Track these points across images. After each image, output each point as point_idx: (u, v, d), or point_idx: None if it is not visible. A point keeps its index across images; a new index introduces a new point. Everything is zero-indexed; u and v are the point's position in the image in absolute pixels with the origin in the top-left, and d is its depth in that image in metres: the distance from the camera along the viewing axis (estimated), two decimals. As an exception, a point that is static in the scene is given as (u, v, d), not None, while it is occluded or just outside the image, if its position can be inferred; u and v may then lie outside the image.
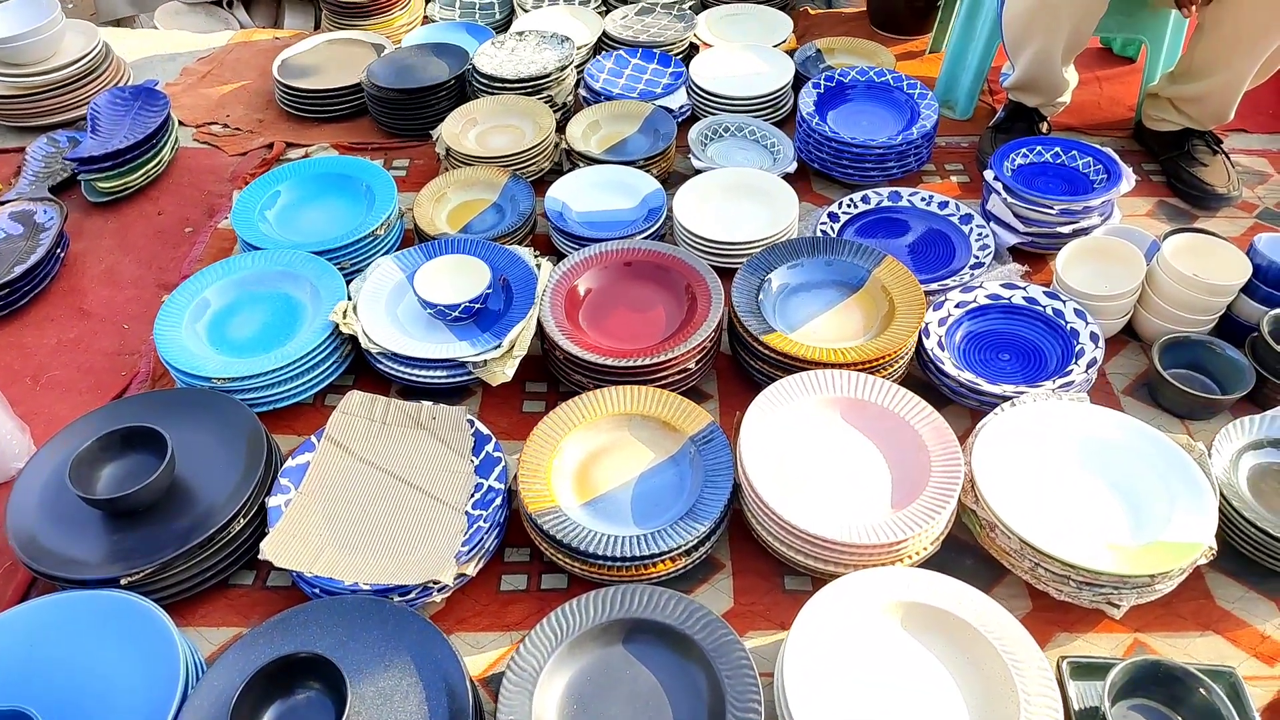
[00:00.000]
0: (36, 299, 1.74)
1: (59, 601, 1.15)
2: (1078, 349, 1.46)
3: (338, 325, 1.48)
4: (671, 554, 1.20)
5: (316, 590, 1.21)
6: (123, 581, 1.17)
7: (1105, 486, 1.26)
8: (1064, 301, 1.51)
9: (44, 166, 2.01)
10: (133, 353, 1.64)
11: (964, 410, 1.46)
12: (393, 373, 1.48)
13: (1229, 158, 1.91)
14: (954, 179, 1.99)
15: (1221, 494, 1.23)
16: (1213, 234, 1.61)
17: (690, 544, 1.21)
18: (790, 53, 2.25)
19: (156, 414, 1.34)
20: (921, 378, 1.50)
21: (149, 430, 1.27)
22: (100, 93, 2.09)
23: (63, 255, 1.80)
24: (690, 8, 2.46)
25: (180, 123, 2.20)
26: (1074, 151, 1.78)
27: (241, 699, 1.01)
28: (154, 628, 1.11)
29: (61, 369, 1.62)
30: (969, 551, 1.29)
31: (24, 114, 2.14)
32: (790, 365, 1.41)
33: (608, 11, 2.46)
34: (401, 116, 2.10)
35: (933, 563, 1.23)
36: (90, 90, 2.18)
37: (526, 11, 2.46)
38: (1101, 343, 1.44)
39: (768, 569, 1.28)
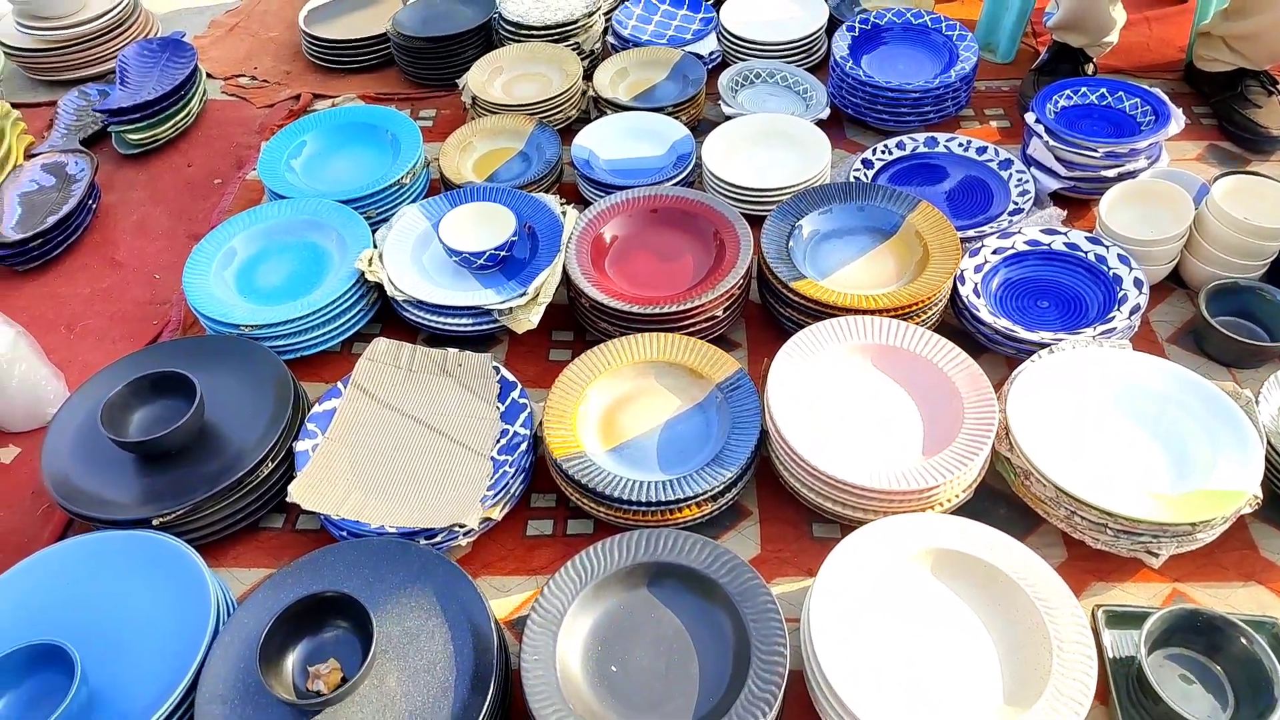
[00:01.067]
0: (70, 249, 1.75)
1: (94, 540, 1.17)
2: (1120, 295, 1.41)
3: (363, 273, 1.47)
4: (697, 499, 1.19)
5: (344, 533, 1.22)
6: (155, 522, 1.19)
7: (1146, 434, 1.22)
8: (1107, 247, 1.46)
9: (75, 119, 2.02)
10: (164, 302, 1.65)
11: (999, 359, 1.42)
12: (419, 320, 1.48)
13: (1285, 99, 1.82)
14: (994, 124, 1.93)
15: (1268, 442, 1.19)
16: (1266, 176, 1.54)
17: (717, 489, 1.19)
18: (824, -4, 2.18)
19: (186, 360, 1.34)
20: (956, 325, 1.47)
21: (178, 375, 1.28)
22: (128, 45, 2.09)
23: (94, 206, 1.81)
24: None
25: (208, 75, 2.19)
26: (1120, 93, 1.71)
27: (270, 635, 1.02)
28: (186, 567, 1.13)
29: (95, 318, 1.63)
30: (1002, 500, 1.26)
31: (54, 67, 2.15)
32: (821, 312, 1.38)
33: (637, -43, 2.39)
34: (428, 66, 2.08)
35: (964, 511, 1.20)
36: (119, 43, 2.18)
37: (554, -42, 2.40)
38: (1146, 289, 1.39)
39: (796, 516, 1.26)
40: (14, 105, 2.07)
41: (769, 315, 1.51)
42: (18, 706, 1.02)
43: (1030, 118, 1.67)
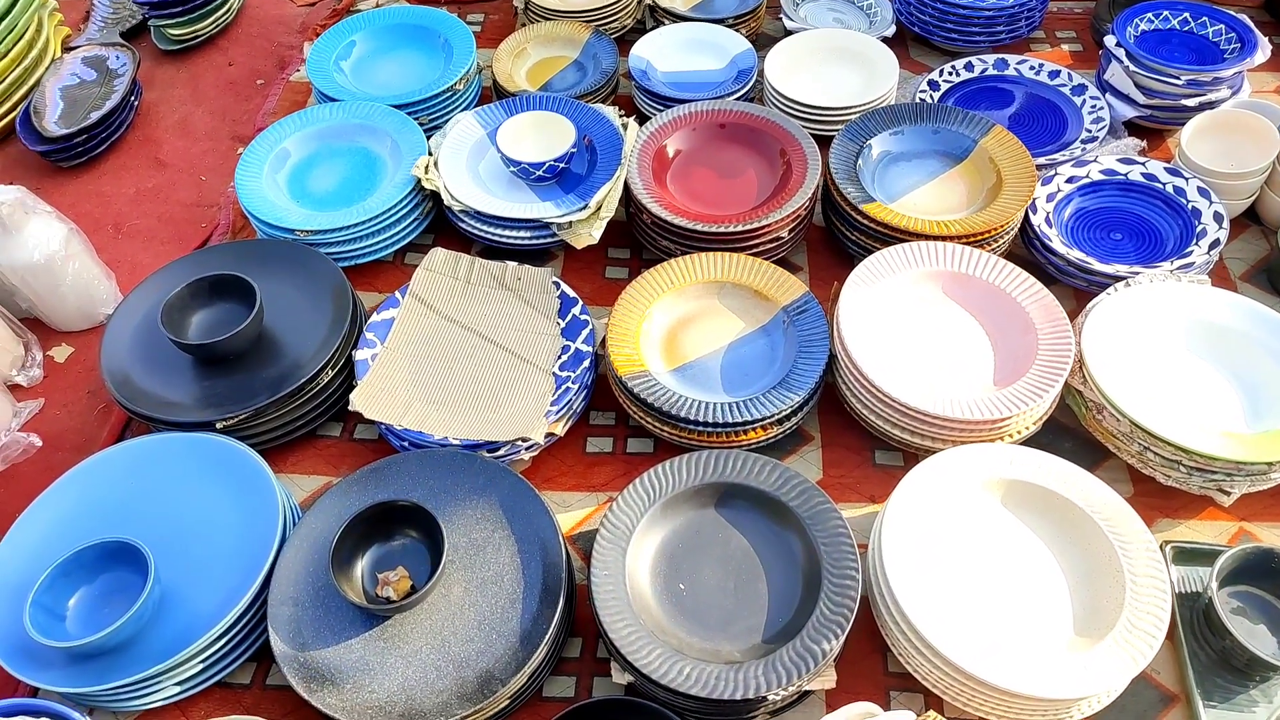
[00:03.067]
0: (113, 147, 1.72)
1: (160, 441, 1.17)
2: (1199, 229, 1.37)
3: (419, 180, 1.44)
4: (763, 422, 1.18)
5: (405, 443, 1.21)
6: (218, 425, 1.18)
7: (1222, 372, 1.20)
8: (1186, 179, 1.41)
9: (112, 12, 1.96)
10: (211, 205, 1.62)
11: (1069, 291, 1.39)
12: (475, 231, 1.45)
13: (1374, 30, 1.75)
14: (1065, 47, 1.85)
15: (1349, 384, 1.17)
16: (1355, 111, 1.48)
17: (784, 413, 1.18)
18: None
19: (242, 263, 1.32)
20: (1025, 256, 1.43)
21: (238, 279, 1.26)
22: (166, -65, 2.01)
23: (136, 104, 1.77)
24: None
25: (247, -29, 2.12)
26: (1204, 18, 1.63)
27: (341, 541, 1.02)
28: (253, 471, 1.13)
29: (142, 218, 1.61)
30: (1068, 434, 1.25)
31: (89, -43, 2.07)
32: (889, 237, 1.35)
33: None
34: (476, -33, 2.00)
35: (1030, 444, 1.19)
36: (154, -67, 2.09)
37: None
38: (1226, 223, 1.35)
39: (858, 443, 1.25)
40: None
41: (832, 239, 1.47)
42: (91, 602, 1.04)
43: (1110, 41, 1.60)
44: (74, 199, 1.63)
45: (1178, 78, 1.53)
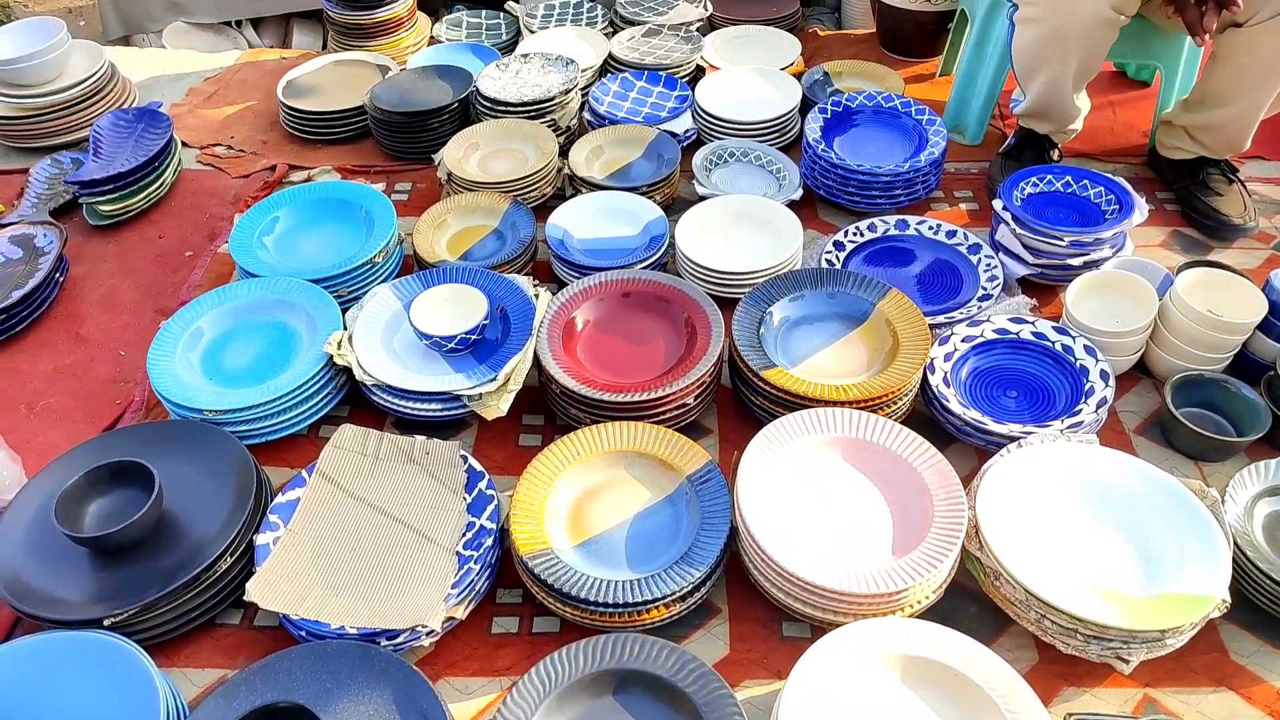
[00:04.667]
0: (35, 324, 1.72)
1: (40, 642, 1.13)
2: (1087, 387, 1.42)
3: (332, 357, 1.46)
4: (666, 600, 1.17)
5: (303, 632, 1.19)
6: (106, 622, 1.15)
7: (1115, 534, 1.22)
8: (1073, 337, 1.47)
9: (47, 188, 2.01)
10: (128, 380, 1.63)
11: (970, 450, 1.43)
12: (387, 405, 1.46)
13: (1245, 186, 1.87)
14: (963, 206, 1.96)
15: (1236, 543, 1.19)
16: (1228, 267, 1.57)
17: (685, 590, 1.17)
18: (798, 75, 2.22)
19: (147, 447, 1.32)
20: (927, 414, 1.47)
21: (137, 465, 1.25)
22: (105, 113, 2.09)
23: (62, 279, 1.79)
24: (698, 29, 2.44)
25: (184, 144, 2.19)
26: (1085, 181, 1.74)
27: (220, 751, 0.98)
28: (135, 671, 1.09)
29: (57, 396, 1.60)
30: (974, 599, 1.25)
31: (28, 134, 2.14)
32: (791, 402, 1.38)
33: (615, 33, 2.44)
34: (404, 140, 2.09)
35: (937, 609, 1.19)
36: (95, 111, 2.17)
37: (533, 33, 2.44)
38: (1112, 381, 1.41)
39: (765, 614, 1.25)
40: (-16, 173, 2.06)
41: (741, 400, 1.50)
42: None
43: (997, 205, 1.70)
44: (-11, 377, 1.63)
45: (1061, 239, 1.61)
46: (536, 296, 1.55)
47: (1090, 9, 1.60)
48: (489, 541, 1.25)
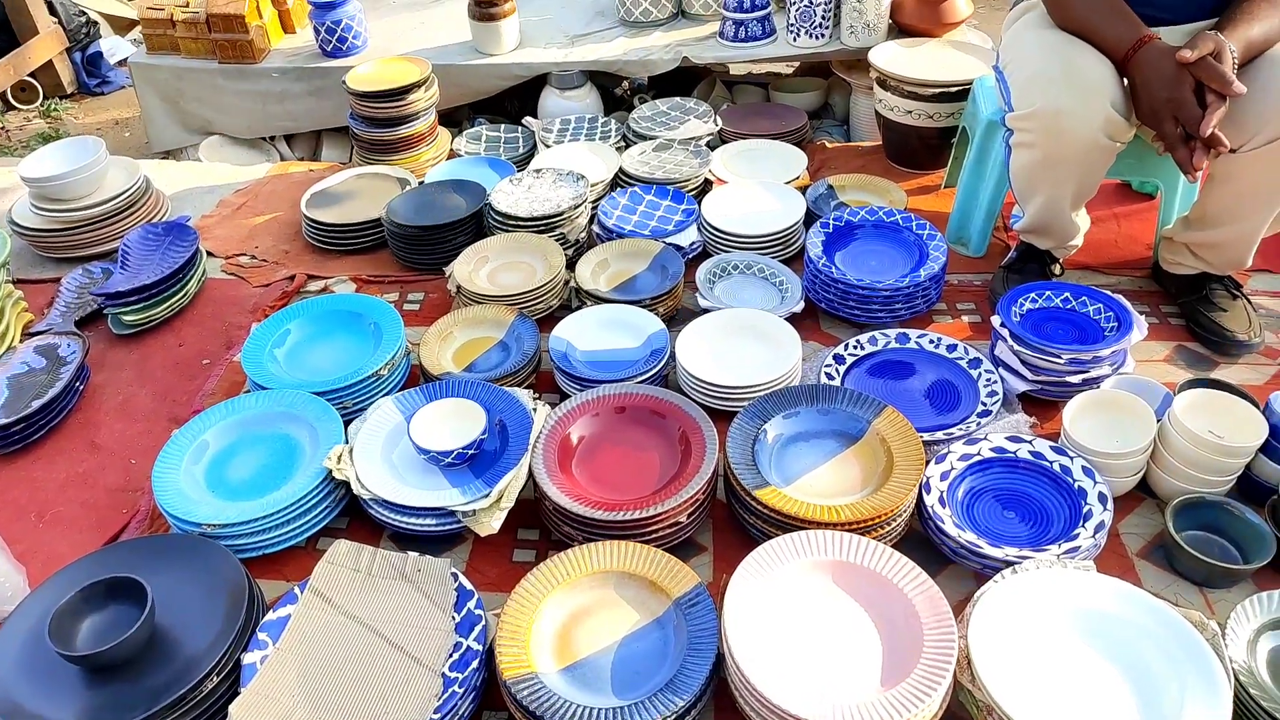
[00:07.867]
0: (52, 432, 1.78)
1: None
2: (1086, 509, 1.40)
3: (331, 471, 1.49)
4: (648, 730, 1.15)
5: (284, 756, 1.18)
6: (88, 745, 1.15)
7: (1113, 667, 1.18)
8: (1071, 458, 1.46)
9: (76, 298, 2.09)
10: (136, 489, 1.66)
11: (966, 571, 1.40)
12: (383, 519, 1.48)
13: (1250, 301, 1.86)
14: (965, 319, 1.97)
15: (1237, 680, 1.15)
16: (1230, 386, 1.56)
17: (668, 718, 1.15)
18: (803, 189, 2.28)
19: (147, 562, 1.35)
20: (923, 534, 1.45)
21: (131, 582, 1.27)
22: (136, 227, 2.18)
23: (81, 388, 1.85)
24: (707, 144, 2.52)
25: (210, 254, 2.28)
26: (1084, 298, 1.75)
27: None
28: (111, 798, 1.09)
29: (66, 505, 1.64)
30: (969, 731, 1.21)
31: (63, 246, 2.24)
32: (783, 523, 1.38)
33: (626, 147, 2.53)
34: (419, 251, 2.16)
35: (928, 745, 1.16)
36: (128, 223, 2.27)
37: (548, 147, 2.54)
38: (1110, 504, 1.39)
39: (753, 745, 1.22)
40: (17, 281, 2.16)
41: (735, 517, 1.50)
42: None
43: (996, 321, 1.71)
44: (3, 485, 1.68)
45: (1059, 357, 1.62)
46: (535, 410, 1.57)
47: (1084, 137, 1.63)
48: (475, 663, 1.24)
